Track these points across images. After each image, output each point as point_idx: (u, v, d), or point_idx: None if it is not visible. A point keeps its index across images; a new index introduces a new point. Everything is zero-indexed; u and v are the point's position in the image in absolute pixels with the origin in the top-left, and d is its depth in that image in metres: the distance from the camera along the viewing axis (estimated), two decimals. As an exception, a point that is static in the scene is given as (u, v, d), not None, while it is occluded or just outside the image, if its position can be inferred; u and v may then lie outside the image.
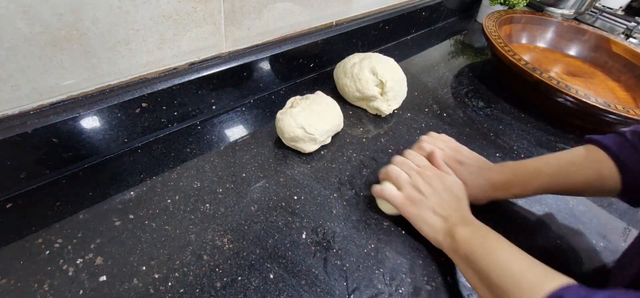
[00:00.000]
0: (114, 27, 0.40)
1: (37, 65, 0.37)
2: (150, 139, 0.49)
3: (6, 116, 0.37)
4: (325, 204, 0.45)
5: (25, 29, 0.34)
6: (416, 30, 0.91)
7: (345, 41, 0.69)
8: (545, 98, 0.65)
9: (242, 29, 0.53)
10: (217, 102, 0.55)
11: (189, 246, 0.38)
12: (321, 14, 0.63)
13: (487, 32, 0.73)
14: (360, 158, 0.52)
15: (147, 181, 0.44)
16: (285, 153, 0.51)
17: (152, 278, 0.35)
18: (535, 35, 0.88)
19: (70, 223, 0.39)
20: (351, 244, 0.41)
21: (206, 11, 0.47)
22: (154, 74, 0.47)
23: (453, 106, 0.67)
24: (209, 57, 0.52)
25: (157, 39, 0.44)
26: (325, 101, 0.53)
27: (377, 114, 0.61)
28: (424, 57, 0.82)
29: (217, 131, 0.53)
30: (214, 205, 0.43)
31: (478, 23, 1.04)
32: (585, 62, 0.84)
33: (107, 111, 0.43)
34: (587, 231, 0.48)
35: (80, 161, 0.44)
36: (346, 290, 0.37)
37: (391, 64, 0.60)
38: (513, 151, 0.59)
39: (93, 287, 0.34)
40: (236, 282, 0.36)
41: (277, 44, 0.59)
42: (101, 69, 0.42)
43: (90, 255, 0.36)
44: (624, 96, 0.74)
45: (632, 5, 1.21)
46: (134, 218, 0.40)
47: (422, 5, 0.86)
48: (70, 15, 0.36)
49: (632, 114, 0.56)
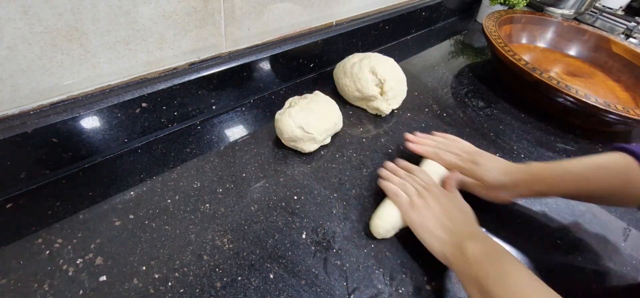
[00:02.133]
0: (114, 27, 0.40)
1: (37, 65, 0.37)
2: (150, 139, 0.49)
3: (6, 116, 0.37)
4: (325, 204, 0.45)
5: (25, 29, 0.34)
6: (416, 31, 0.91)
7: (345, 41, 0.69)
8: (545, 98, 0.65)
9: (242, 29, 0.53)
10: (217, 102, 0.55)
11: (189, 246, 0.38)
12: (321, 14, 0.63)
13: (487, 32, 0.73)
14: (360, 158, 0.52)
15: (147, 181, 0.44)
16: (285, 153, 0.51)
17: (152, 278, 0.35)
18: (535, 35, 0.88)
19: (70, 223, 0.39)
20: (351, 244, 0.41)
21: (206, 11, 0.47)
22: (154, 74, 0.47)
23: (453, 106, 0.67)
24: (209, 57, 0.52)
25: (157, 39, 0.44)
26: (323, 100, 0.53)
27: (377, 114, 0.61)
28: (424, 57, 0.82)
29: (217, 131, 0.53)
30: (214, 205, 0.43)
31: (478, 23, 1.04)
32: (585, 62, 0.84)
33: (107, 111, 0.43)
34: (587, 231, 0.48)
35: (80, 161, 0.44)
36: (346, 290, 0.37)
37: (391, 64, 0.60)
38: (513, 151, 0.59)
39: (93, 287, 0.34)
40: (236, 282, 0.36)
41: (277, 44, 0.59)
42: (101, 69, 0.42)
43: (90, 255, 0.36)
44: (624, 96, 0.74)
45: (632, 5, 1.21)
46: (134, 218, 0.40)
47: (422, 5, 0.86)
48: (70, 15, 0.36)
49: (632, 114, 0.56)
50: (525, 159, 0.58)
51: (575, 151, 0.61)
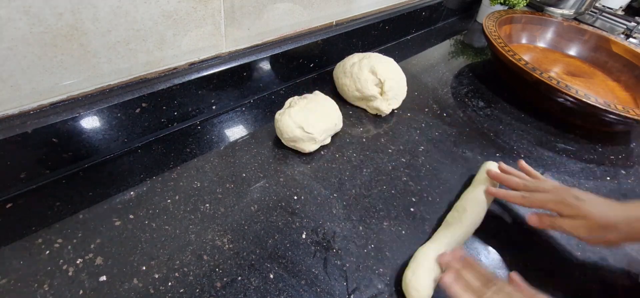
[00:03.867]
0: (114, 27, 0.40)
1: (37, 65, 0.37)
2: (150, 139, 0.49)
3: (6, 116, 0.37)
4: (325, 204, 0.45)
5: (26, 29, 0.34)
6: (416, 31, 0.91)
7: (345, 41, 0.69)
8: (545, 98, 0.65)
9: (242, 29, 0.53)
10: (217, 102, 0.55)
11: (189, 246, 0.38)
12: (321, 14, 0.63)
13: (487, 32, 0.73)
14: (360, 158, 0.52)
15: (147, 181, 0.44)
16: (285, 153, 0.51)
17: (152, 278, 0.35)
18: (535, 35, 0.88)
19: (70, 223, 0.39)
20: (351, 244, 0.41)
21: (206, 11, 0.47)
22: (154, 74, 0.47)
23: (453, 106, 0.67)
24: (209, 57, 0.52)
25: (157, 39, 0.44)
26: (323, 100, 0.53)
27: (377, 114, 0.61)
28: (424, 57, 0.82)
29: (217, 131, 0.53)
30: (214, 205, 0.43)
31: (478, 23, 1.04)
32: (585, 62, 0.84)
33: (107, 111, 0.43)
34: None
35: (80, 161, 0.44)
36: (346, 290, 0.37)
37: (390, 64, 0.60)
38: (513, 151, 0.59)
39: (93, 287, 0.34)
40: (236, 282, 0.36)
41: (277, 44, 0.59)
42: (101, 69, 0.42)
43: (90, 255, 0.36)
44: (624, 96, 0.74)
45: (632, 5, 1.21)
46: (134, 218, 0.40)
47: (422, 5, 0.86)
48: (70, 15, 0.36)
49: (632, 114, 0.56)
50: (525, 159, 0.58)
51: (575, 151, 0.61)
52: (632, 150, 0.65)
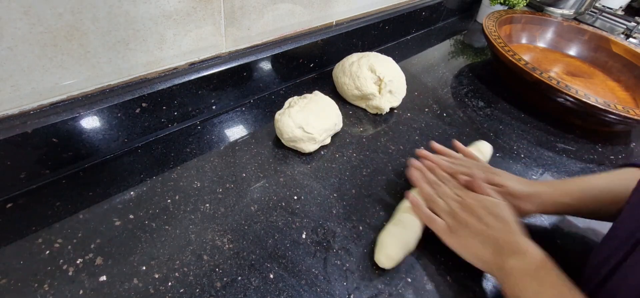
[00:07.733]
0: (114, 27, 0.40)
1: (37, 65, 0.37)
2: (150, 139, 0.49)
3: (6, 116, 0.37)
4: (325, 204, 0.45)
5: (26, 29, 0.34)
6: (416, 31, 0.91)
7: (345, 41, 0.69)
8: (545, 98, 0.65)
9: (242, 29, 0.53)
10: (217, 102, 0.55)
11: (189, 246, 0.38)
12: (321, 14, 0.63)
13: (487, 32, 0.73)
14: (360, 158, 0.52)
15: (147, 181, 0.44)
16: (285, 153, 0.51)
17: (152, 278, 0.35)
18: (535, 35, 0.88)
19: (70, 223, 0.39)
20: (351, 244, 0.41)
21: (206, 11, 0.47)
22: (154, 74, 0.47)
23: (453, 106, 0.67)
24: (209, 57, 0.52)
25: (157, 39, 0.44)
26: (323, 100, 0.53)
27: (377, 113, 0.61)
28: (424, 57, 0.82)
29: (217, 131, 0.53)
30: (214, 205, 0.43)
31: (478, 23, 1.04)
32: (585, 62, 0.84)
33: (107, 111, 0.43)
34: (584, 229, 0.48)
35: (80, 161, 0.44)
36: (346, 290, 0.37)
37: (389, 62, 0.61)
38: (513, 151, 0.59)
39: (93, 287, 0.34)
40: (236, 282, 0.36)
41: (277, 44, 0.59)
42: (101, 69, 0.42)
43: (90, 255, 0.36)
44: (624, 96, 0.74)
45: (632, 5, 1.21)
46: (134, 218, 0.40)
47: (422, 5, 0.86)
48: (70, 15, 0.36)
49: (632, 114, 0.56)
50: (525, 159, 0.58)
51: (575, 151, 0.61)
52: (632, 150, 0.65)
